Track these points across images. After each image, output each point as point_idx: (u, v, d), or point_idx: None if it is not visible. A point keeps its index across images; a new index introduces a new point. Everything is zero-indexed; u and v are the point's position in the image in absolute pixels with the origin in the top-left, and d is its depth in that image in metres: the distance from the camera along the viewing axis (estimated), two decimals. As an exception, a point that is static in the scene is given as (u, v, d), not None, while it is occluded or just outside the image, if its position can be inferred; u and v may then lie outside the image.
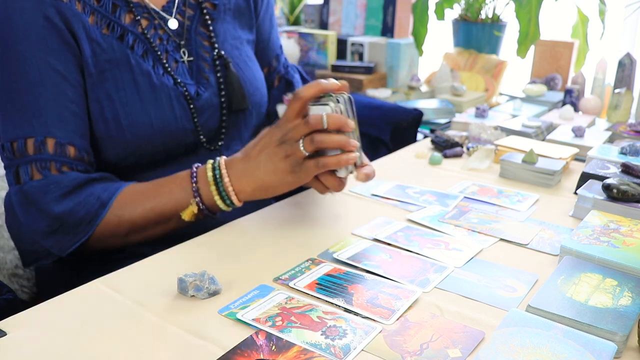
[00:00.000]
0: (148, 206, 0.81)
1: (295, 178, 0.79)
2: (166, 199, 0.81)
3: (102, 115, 0.84)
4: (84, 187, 0.80)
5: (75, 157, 0.81)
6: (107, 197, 0.80)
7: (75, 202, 0.79)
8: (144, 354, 0.56)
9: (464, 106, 1.62)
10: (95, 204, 0.79)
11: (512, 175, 1.05)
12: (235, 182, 0.80)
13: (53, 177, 0.79)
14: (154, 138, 0.86)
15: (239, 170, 0.80)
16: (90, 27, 0.83)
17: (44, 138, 0.79)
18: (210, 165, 0.81)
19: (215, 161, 0.81)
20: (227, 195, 0.80)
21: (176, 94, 0.88)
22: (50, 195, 0.78)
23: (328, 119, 0.76)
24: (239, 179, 0.80)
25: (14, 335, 0.58)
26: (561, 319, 0.60)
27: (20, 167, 0.79)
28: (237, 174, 0.80)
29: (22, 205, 0.79)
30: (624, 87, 1.47)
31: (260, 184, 0.80)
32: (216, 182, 0.80)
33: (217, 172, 0.80)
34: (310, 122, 0.76)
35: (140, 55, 0.86)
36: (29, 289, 1.02)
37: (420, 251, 0.77)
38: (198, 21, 0.94)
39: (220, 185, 0.80)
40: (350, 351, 0.56)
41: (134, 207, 0.81)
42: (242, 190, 0.81)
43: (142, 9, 0.89)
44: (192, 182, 0.81)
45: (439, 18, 1.84)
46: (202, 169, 0.82)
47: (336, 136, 0.76)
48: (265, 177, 0.79)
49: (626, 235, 0.76)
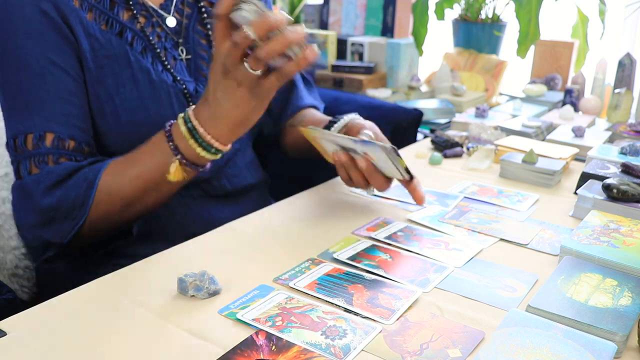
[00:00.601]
0: (132, 175, 0.79)
1: (260, 102, 0.75)
2: (149, 165, 0.79)
3: (101, 110, 0.84)
4: (74, 175, 0.80)
5: (74, 149, 0.81)
6: (93, 176, 0.79)
7: (65, 189, 0.79)
8: (144, 354, 0.56)
9: (464, 106, 1.62)
10: (82, 185, 0.79)
11: (512, 175, 1.05)
12: (210, 129, 0.76)
13: (48, 168, 0.79)
14: (153, 134, 0.86)
15: (208, 116, 0.76)
16: (88, 22, 0.83)
17: (43, 133, 0.79)
18: (182, 120, 0.77)
19: (185, 114, 0.78)
20: (208, 144, 0.77)
21: (175, 91, 0.88)
22: (42, 185, 0.78)
23: (254, 29, 0.68)
24: (212, 124, 0.76)
25: (14, 335, 0.58)
26: (561, 319, 0.60)
27: (20, 163, 0.80)
28: (207, 120, 0.76)
29: (19, 200, 0.80)
30: (624, 87, 1.47)
31: (233, 121, 0.76)
32: (192, 134, 0.76)
33: (189, 124, 0.77)
34: (239, 42, 0.69)
35: (139, 52, 0.86)
36: (29, 289, 1.01)
37: (420, 251, 0.77)
38: (196, 19, 0.94)
39: (198, 137, 0.76)
40: (350, 351, 0.56)
41: (120, 180, 0.79)
42: (219, 134, 0.77)
43: (140, 7, 0.89)
44: (169, 140, 0.78)
45: (439, 18, 1.84)
46: (175, 125, 0.78)
47: (276, 41, 0.68)
48: (232, 113, 0.75)
49: (626, 235, 0.76)
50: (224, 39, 0.71)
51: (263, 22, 0.68)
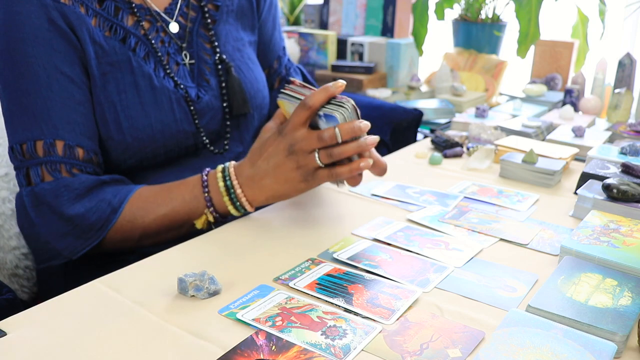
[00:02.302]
0: (160, 212, 0.82)
1: (308, 186, 0.80)
2: (178, 206, 0.82)
3: (103, 117, 0.84)
4: (94, 191, 0.80)
5: (84, 159, 0.82)
6: (119, 202, 0.80)
7: (86, 207, 0.79)
8: (144, 354, 0.56)
9: (464, 106, 1.62)
10: (106, 209, 0.80)
11: (512, 175, 1.05)
12: (247, 192, 0.81)
13: (64, 180, 0.79)
14: (154, 140, 0.86)
15: (249, 180, 0.80)
16: (93, 29, 0.83)
17: (53, 140, 0.80)
18: (221, 175, 0.81)
19: (225, 169, 0.82)
20: (240, 204, 0.81)
21: (176, 96, 0.88)
22: (62, 199, 0.79)
23: (341, 132, 0.75)
24: (251, 189, 0.81)
25: (14, 335, 0.58)
26: (561, 319, 0.60)
27: (30, 169, 0.80)
28: (247, 183, 0.81)
29: (34, 207, 0.80)
30: (624, 87, 1.47)
31: (273, 193, 0.81)
32: (228, 192, 0.81)
33: (228, 181, 0.81)
34: (324, 139, 0.76)
35: (142, 57, 0.86)
36: (29, 289, 1.01)
37: (420, 251, 0.77)
38: (200, 23, 0.94)
39: (233, 195, 0.81)
40: (350, 351, 0.56)
41: (146, 213, 0.81)
42: (254, 199, 0.82)
43: (145, 12, 0.89)
44: (204, 191, 0.81)
45: (439, 18, 1.84)
46: (212, 176, 0.82)
47: (351, 145, 0.76)
48: (276, 186, 0.80)
49: (626, 235, 0.76)
50: (304, 126, 0.77)
51: (352, 131, 0.75)
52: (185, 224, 0.83)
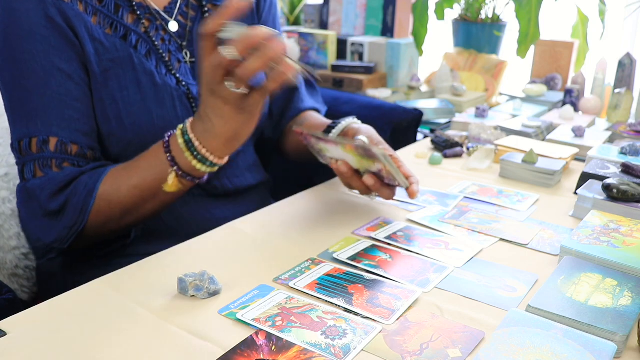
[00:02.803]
0: (131, 184, 0.80)
1: (250, 116, 0.75)
2: (146, 174, 0.80)
3: (105, 114, 0.84)
4: (75, 180, 0.81)
5: (77, 154, 0.82)
6: (93, 183, 0.80)
7: (66, 195, 0.80)
8: (144, 354, 0.56)
9: (464, 106, 1.62)
10: (83, 192, 0.80)
11: (512, 175, 1.05)
12: (205, 142, 0.77)
13: (52, 174, 0.80)
14: (156, 137, 0.86)
15: (202, 131, 0.77)
16: (92, 26, 0.83)
17: (47, 137, 0.80)
18: (180, 132, 0.78)
19: (183, 126, 0.78)
20: (203, 157, 0.78)
21: (179, 94, 0.88)
22: (46, 191, 0.80)
23: (237, 47, 0.67)
24: (206, 139, 0.77)
25: (14, 335, 0.58)
26: (561, 319, 0.60)
27: (25, 166, 0.81)
28: (202, 135, 0.77)
29: (24, 202, 0.82)
30: (624, 87, 1.47)
31: (225, 137, 0.77)
32: (188, 147, 0.77)
33: (186, 137, 0.77)
34: (222, 62, 0.69)
35: (143, 54, 0.86)
36: (29, 289, 1.01)
37: (420, 251, 0.77)
38: (199, 23, 0.94)
39: (194, 150, 0.77)
40: (350, 351, 0.56)
41: (118, 187, 0.80)
42: (214, 148, 0.78)
43: (144, 10, 0.89)
44: (166, 152, 0.79)
45: (439, 18, 1.84)
46: (173, 137, 0.79)
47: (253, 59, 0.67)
48: (223, 129, 0.76)
49: (626, 235, 0.76)
50: (208, 59, 0.71)
51: (243, 40, 0.67)
52: (159, 192, 0.80)
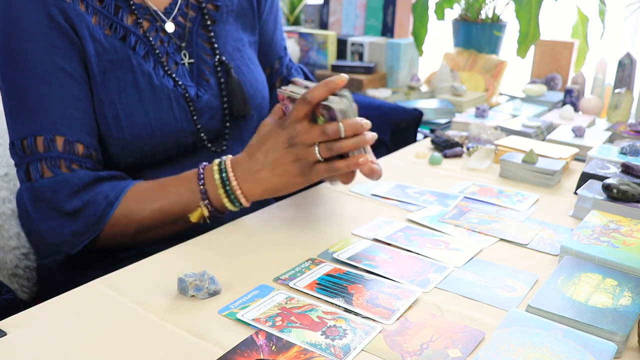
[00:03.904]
0: (156, 207, 0.81)
1: (305, 180, 0.79)
2: (174, 200, 0.81)
3: (103, 114, 0.84)
4: (92, 186, 0.81)
5: (84, 155, 0.82)
6: (115, 196, 0.80)
7: (84, 201, 0.79)
8: (144, 354, 0.56)
9: (464, 106, 1.62)
10: (103, 202, 0.80)
11: (512, 175, 1.05)
12: (243, 185, 0.80)
13: (63, 176, 0.79)
14: (153, 138, 0.86)
15: (246, 172, 0.80)
16: (93, 27, 0.83)
17: (53, 136, 0.80)
18: (217, 167, 0.80)
19: (222, 162, 0.81)
20: (235, 197, 0.80)
21: (176, 95, 0.88)
22: (60, 195, 0.79)
23: (345, 127, 0.75)
24: (247, 181, 0.80)
25: (14, 335, 0.58)
26: (561, 319, 0.60)
27: (30, 165, 0.80)
28: (244, 176, 0.80)
29: (33, 203, 0.80)
30: (624, 87, 1.47)
31: (269, 186, 0.80)
32: (224, 184, 0.80)
33: (224, 174, 0.80)
34: (328, 133, 0.75)
35: (141, 56, 0.86)
36: (29, 289, 1.01)
37: (420, 251, 0.77)
38: (199, 23, 0.94)
39: (228, 188, 0.80)
40: (350, 351, 0.56)
41: (142, 207, 0.81)
42: (250, 192, 0.80)
43: (144, 11, 0.89)
44: (200, 184, 0.81)
45: (439, 18, 1.84)
46: (208, 170, 0.81)
47: (352, 140, 0.76)
48: (273, 179, 0.79)
49: (626, 235, 0.76)
50: (304, 119, 0.77)
51: (355, 128, 0.75)
52: (181, 219, 0.82)
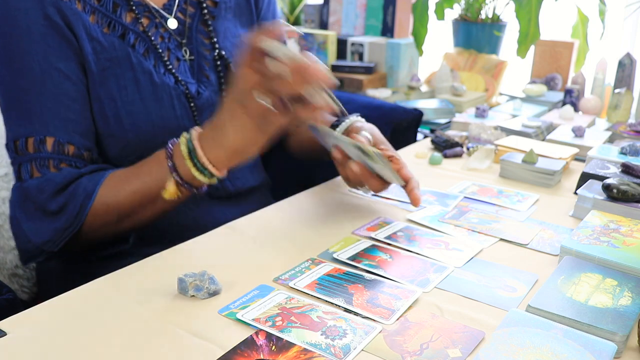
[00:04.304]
0: (130, 189, 0.80)
1: (263, 134, 0.74)
2: (147, 179, 0.80)
3: (103, 113, 0.84)
4: (73, 183, 0.80)
5: (74, 155, 0.82)
6: (92, 187, 0.80)
7: (65, 198, 0.79)
8: (144, 354, 0.56)
9: (464, 106, 1.62)
10: (81, 195, 0.79)
11: (512, 175, 1.05)
12: (208, 151, 0.76)
13: (49, 175, 0.80)
14: (155, 136, 0.86)
15: (210, 140, 0.76)
16: (90, 25, 0.83)
17: (44, 137, 0.80)
18: (184, 139, 0.77)
19: (189, 134, 0.77)
20: (203, 166, 0.76)
21: (177, 92, 0.88)
22: (44, 194, 0.79)
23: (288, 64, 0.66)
24: (212, 149, 0.76)
25: (14, 335, 0.58)
26: (561, 319, 0.60)
27: (21, 166, 0.81)
28: (209, 144, 0.76)
29: (20, 203, 0.81)
30: (624, 87, 1.47)
31: (232, 148, 0.75)
32: (191, 155, 0.76)
33: (190, 144, 0.76)
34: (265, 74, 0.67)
35: (141, 53, 0.86)
36: (29, 289, 1.02)
37: (420, 251, 0.77)
38: (199, 19, 0.94)
39: (195, 159, 0.76)
40: (350, 351, 0.56)
41: (117, 191, 0.80)
42: (217, 159, 0.76)
43: (143, 8, 0.89)
44: (168, 158, 0.78)
45: (439, 18, 1.84)
46: (176, 144, 0.78)
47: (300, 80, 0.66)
48: (235, 139, 0.74)
49: (626, 235, 0.76)
50: (247, 67, 0.70)
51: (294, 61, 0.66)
52: (158, 198, 0.80)
